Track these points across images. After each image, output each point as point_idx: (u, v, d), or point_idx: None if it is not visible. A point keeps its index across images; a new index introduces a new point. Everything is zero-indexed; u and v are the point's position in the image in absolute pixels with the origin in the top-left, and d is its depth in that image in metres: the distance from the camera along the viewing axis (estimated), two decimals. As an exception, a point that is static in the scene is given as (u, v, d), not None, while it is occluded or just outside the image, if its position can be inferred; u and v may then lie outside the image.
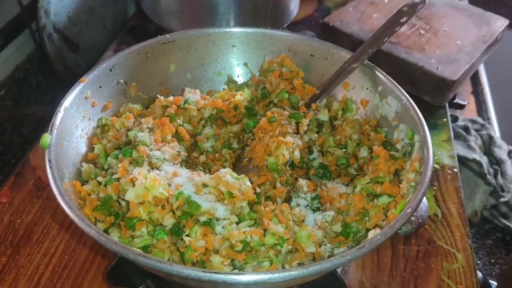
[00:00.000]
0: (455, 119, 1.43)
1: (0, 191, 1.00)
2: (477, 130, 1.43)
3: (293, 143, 0.78)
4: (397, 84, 0.85)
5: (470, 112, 1.59)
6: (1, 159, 1.26)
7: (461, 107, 1.30)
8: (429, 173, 0.70)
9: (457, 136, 1.35)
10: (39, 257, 0.88)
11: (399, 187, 0.74)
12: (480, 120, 1.48)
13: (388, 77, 0.86)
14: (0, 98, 1.23)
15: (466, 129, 1.39)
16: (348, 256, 0.59)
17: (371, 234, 0.66)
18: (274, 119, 0.82)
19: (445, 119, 1.22)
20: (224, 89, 0.98)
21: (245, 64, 0.99)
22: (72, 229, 0.93)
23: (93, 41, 1.51)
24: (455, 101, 1.26)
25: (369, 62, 0.89)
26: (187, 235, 0.66)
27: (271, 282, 0.56)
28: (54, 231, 0.93)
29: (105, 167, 0.79)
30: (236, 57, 0.98)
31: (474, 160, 1.28)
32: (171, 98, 0.85)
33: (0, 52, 1.22)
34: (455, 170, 1.09)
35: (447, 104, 1.25)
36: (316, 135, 0.90)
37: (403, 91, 0.84)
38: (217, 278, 0.56)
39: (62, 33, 1.36)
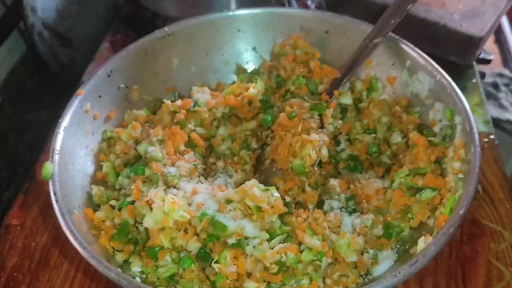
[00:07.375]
0: (482, 76, 1.32)
1: (10, 212, 0.94)
2: (506, 85, 1.32)
3: (319, 141, 0.70)
4: (428, 58, 0.77)
5: (495, 63, 1.47)
6: (9, 169, 1.20)
7: (488, 62, 1.20)
8: (478, 163, 0.62)
9: (487, 95, 1.24)
10: (60, 283, 0.83)
11: (442, 177, 0.67)
12: (507, 73, 1.36)
13: (417, 49, 0.78)
14: (-1, 105, 1.16)
15: (495, 86, 1.28)
16: (401, 275, 0.52)
17: (421, 242, 0.59)
18: (294, 114, 0.73)
19: (474, 80, 1.11)
20: (234, 81, 0.89)
21: (254, 49, 0.90)
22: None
23: (86, 32, 1.41)
24: (480, 56, 1.15)
25: (393, 35, 0.80)
26: (216, 262, 0.60)
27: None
28: (72, 252, 0.87)
29: (117, 187, 0.72)
30: (243, 42, 0.90)
31: (508, 121, 1.18)
32: (178, 102, 0.77)
33: (-9, 56, 1.15)
34: (492, 137, 1.00)
35: (474, 63, 1.15)
36: (341, 121, 0.81)
37: (435, 65, 0.75)
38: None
39: (53, 29, 1.27)
